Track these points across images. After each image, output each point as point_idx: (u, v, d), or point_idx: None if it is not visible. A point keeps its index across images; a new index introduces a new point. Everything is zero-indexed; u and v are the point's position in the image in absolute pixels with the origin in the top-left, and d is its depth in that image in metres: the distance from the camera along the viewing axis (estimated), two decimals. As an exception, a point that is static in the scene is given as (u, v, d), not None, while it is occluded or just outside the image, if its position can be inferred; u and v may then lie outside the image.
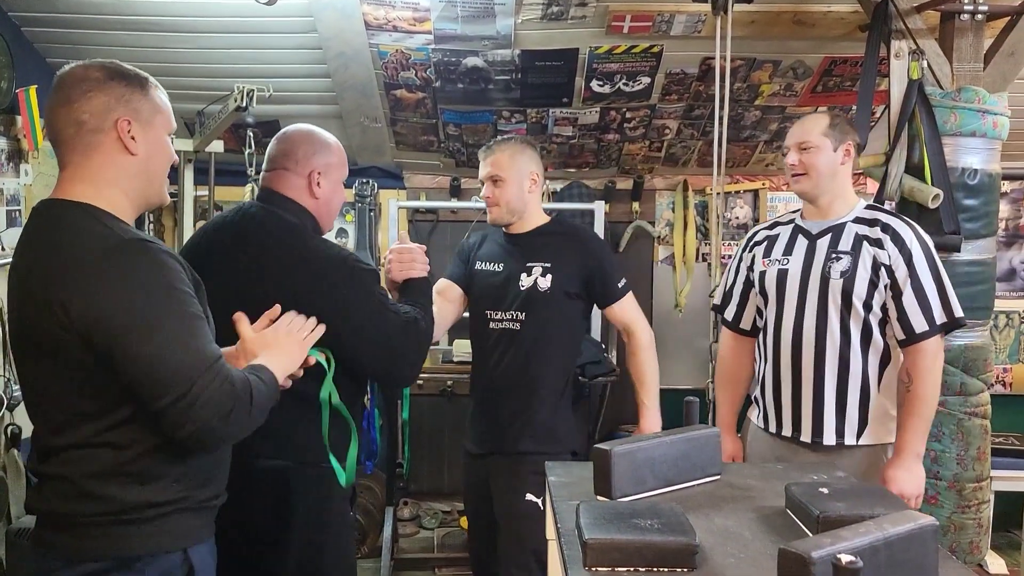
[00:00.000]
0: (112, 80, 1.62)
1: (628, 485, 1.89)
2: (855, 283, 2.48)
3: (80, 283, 1.49)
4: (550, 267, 2.73)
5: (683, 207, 4.86)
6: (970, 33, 3.11)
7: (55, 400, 1.57)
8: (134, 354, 1.48)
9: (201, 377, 1.50)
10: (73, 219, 1.57)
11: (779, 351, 2.61)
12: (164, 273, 1.55)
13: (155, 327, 1.50)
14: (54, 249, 1.54)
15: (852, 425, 2.52)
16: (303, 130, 2.32)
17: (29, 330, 1.57)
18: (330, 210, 2.29)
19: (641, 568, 1.55)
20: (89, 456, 1.54)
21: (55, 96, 1.62)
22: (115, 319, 1.48)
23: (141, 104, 1.64)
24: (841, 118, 2.62)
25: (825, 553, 1.30)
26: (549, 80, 4.07)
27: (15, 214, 3.59)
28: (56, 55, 3.97)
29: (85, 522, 1.55)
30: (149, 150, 1.65)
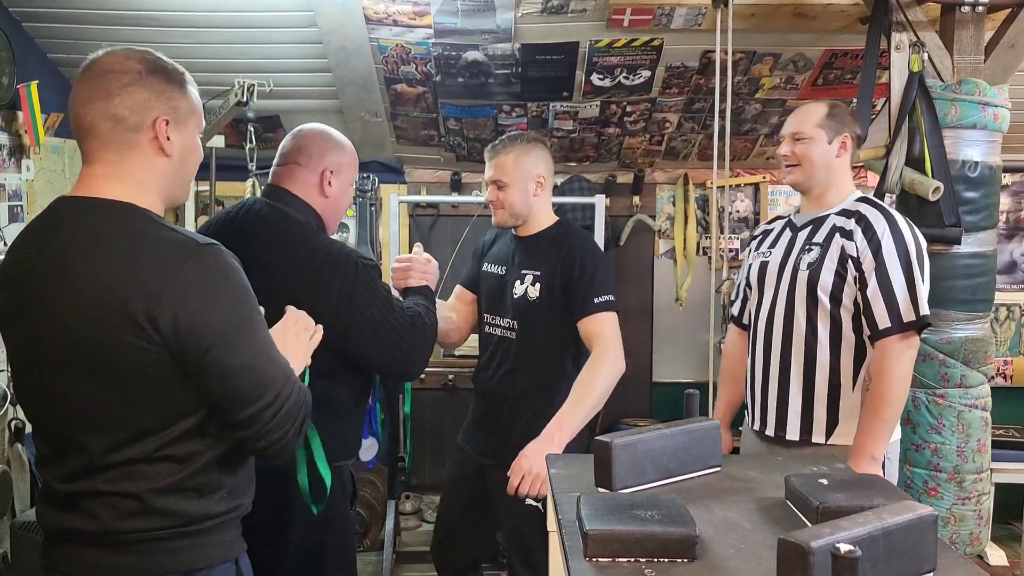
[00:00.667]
0: (153, 75, 1.52)
1: (629, 477, 1.90)
2: (820, 275, 2.42)
3: (167, 292, 1.40)
4: (540, 275, 2.63)
5: (684, 201, 4.87)
6: (971, 25, 3.11)
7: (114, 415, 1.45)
8: (230, 364, 1.44)
9: (286, 383, 1.50)
10: (134, 222, 1.47)
11: (755, 344, 2.61)
12: (242, 277, 1.50)
13: (245, 333, 1.47)
14: (123, 256, 1.43)
15: (820, 423, 2.45)
16: (318, 128, 2.32)
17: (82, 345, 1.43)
18: (337, 210, 2.29)
19: (642, 558, 1.56)
20: (152, 471, 1.47)
21: (90, 85, 1.50)
22: (209, 328, 1.42)
23: (180, 102, 1.55)
24: (840, 108, 2.55)
25: (824, 543, 1.31)
26: (549, 74, 4.07)
27: (17, 209, 3.60)
28: (57, 50, 3.97)
29: (148, 538, 1.47)
30: (183, 151, 1.57)
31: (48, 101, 3.78)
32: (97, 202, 1.49)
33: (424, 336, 2.20)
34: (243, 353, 1.46)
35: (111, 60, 1.51)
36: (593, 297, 2.57)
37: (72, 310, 1.43)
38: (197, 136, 1.62)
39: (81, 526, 1.48)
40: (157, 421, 1.47)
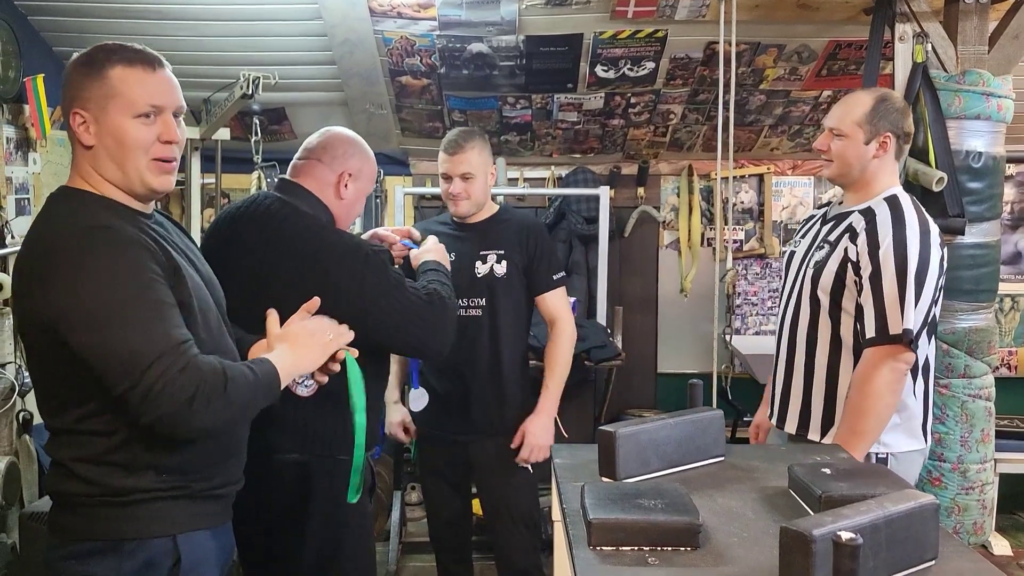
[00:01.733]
0: (74, 70, 1.59)
1: (632, 466, 1.91)
2: (822, 275, 2.35)
3: (39, 276, 1.50)
4: (504, 254, 2.83)
5: (688, 192, 4.87)
6: (975, 16, 3.11)
7: (43, 387, 1.60)
8: (86, 343, 1.46)
9: (156, 364, 1.45)
10: (49, 211, 1.60)
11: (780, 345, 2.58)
12: (118, 259, 1.50)
13: (103, 315, 1.46)
14: (27, 242, 1.58)
15: (816, 421, 2.41)
16: (348, 132, 2.32)
17: (20, 323, 1.61)
18: (350, 214, 2.30)
19: (645, 547, 1.57)
20: (76, 441, 1.56)
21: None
22: (67, 310, 1.47)
23: (91, 91, 1.57)
24: (887, 104, 2.35)
25: (826, 531, 1.32)
26: (554, 66, 4.08)
27: (24, 202, 3.61)
28: (63, 44, 3.98)
29: (78, 502, 1.56)
30: (104, 139, 1.58)
31: (54, 94, 3.79)
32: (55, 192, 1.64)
33: (443, 311, 2.19)
34: (99, 335, 1.45)
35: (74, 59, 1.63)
36: (552, 274, 2.88)
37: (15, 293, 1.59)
38: (125, 117, 1.58)
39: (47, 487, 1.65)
40: (73, 395, 1.54)
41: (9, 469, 3.12)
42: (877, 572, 1.42)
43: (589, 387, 4.31)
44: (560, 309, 2.90)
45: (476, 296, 2.82)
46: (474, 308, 2.82)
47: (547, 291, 2.87)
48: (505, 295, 2.83)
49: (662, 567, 1.52)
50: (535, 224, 3.00)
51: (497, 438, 2.84)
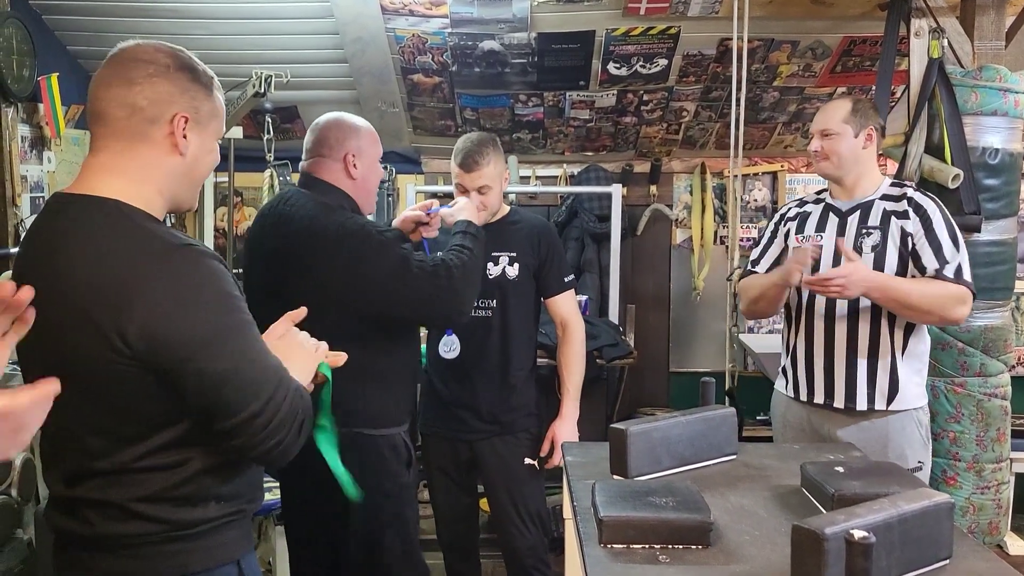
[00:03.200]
0: (180, 71, 1.46)
1: (644, 464, 1.90)
2: (886, 257, 2.52)
3: (136, 301, 1.32)
4: (516, 256, 2.84)
5: (701, 190, 4.85)
6: (991, 11, 3.09)
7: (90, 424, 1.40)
8: (211, 372, 1.35)
9: (278, 388, 1.40)
10: (111, 222, 1.39)
11: (812, 323, 2.62)
12: (221, 278, 1.40)
13: (226, 339, 1.37)
14: (93, 261, 1.35)
15: (883, 392, 2.54)
16: (331, 118, 2.42)
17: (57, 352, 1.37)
18: (368, 190, 2.42)
19: (656, 545, 1.57)
20: (134, 480, 1.41)
21: (111, 72, 1.44)
22: (182, 337, 1.34)
23: (203, 104, 1.49)
24: (863, 102, 2.65)
25: (839, 529, 1.31)
26: (566, 63, 4.07)
27: (39, 201, 3.63)
28: (77, 43, 4.01)
29: (138, 542, 1.43)
30: (197, 153, 1.49)
31: (68, 93, 3.82)
32: (82, 199, 1.42)
33: (450, 283, 2.26)
34: (225, 360, 1.36)
35: (140, 50, 1.46)
36: (563, 277, 2.91)
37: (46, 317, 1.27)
38: (215, 142, 1.55)
39: (77, 529, 1.45)
40: (136, 431, 1.40)
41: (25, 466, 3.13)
42: (890, 571, 1.42)
43: (601, 385, 4.30)
44: (570, 312, 2.92)
45: (486, 297, 2.81)
46: (484, 309, 2.82)
47: (558, 294, 2.89)
48: (516, 297, 2.84)
49: (673, 565, 1.52)
50: (545, 226, 3.03)
51: (505, 437, 2.84)
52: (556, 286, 2.88)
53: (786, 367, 2.73)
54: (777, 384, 2.79)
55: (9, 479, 3.03)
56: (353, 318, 2.19)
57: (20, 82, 3.43)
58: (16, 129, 3.48)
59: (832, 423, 2.59)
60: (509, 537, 2.91)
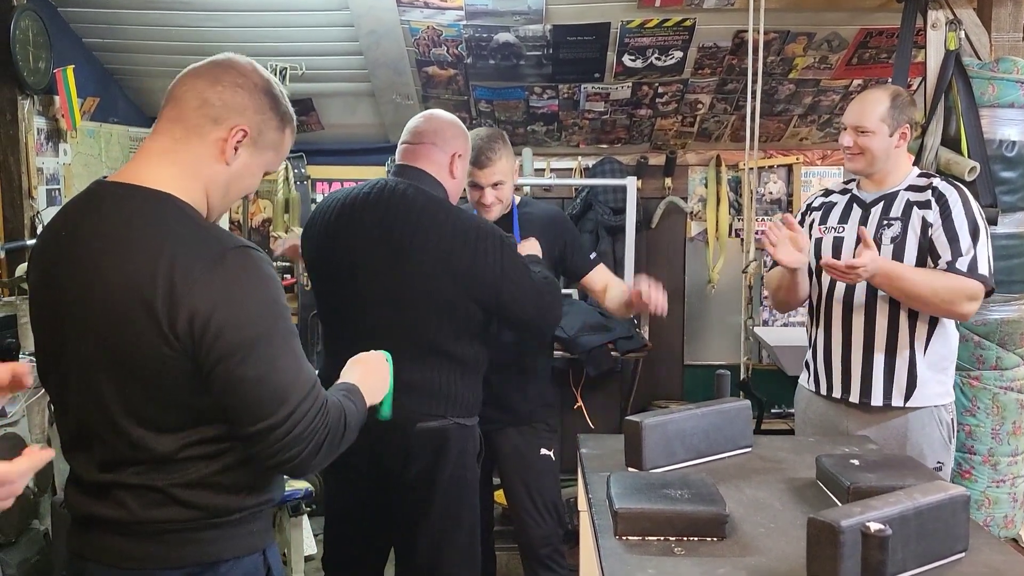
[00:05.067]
0: (265, 95, 1.53)
1: (659, 457, 1.91)
2: (905, 248, 2.48)
3: (190, 295, 1.35)
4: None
5: (716, 182, 4.84)
6: (1009, 2, 3.06)
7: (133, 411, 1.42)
8: (240, 376, 1.37)
9: (301, 404, 1.40)
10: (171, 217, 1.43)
11: (831, 316, 2.61)
12: (271, 284, 1.43)
13: (264, 346, 1.38)
14: (154, 253, 1.38)
15: (900, 388, 2.51)
16: (449, 116, 2.49)
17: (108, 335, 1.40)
18: (458, 193, 2.48)
19: (671, 537, 1.57)
20: (177, 468, 1.44)
21: (206, 69, 1.51)
22: (226, 336, 1.36)
23: (269, 131, 1.54)
24: (902, 97, 2.56)
25: (854, 522, 1.31)
26: (581, 55, 4.06)
27: (55, 193, 3.66)
28: (92, 35, 4.02)
29: (174, 528, 1.45)
30: (241, 170, 1.52)
31: (84, 86, 3.84)
32: (136, 190, 1.45)
33: (558, 292, 2.45)
34: (257, 367, 1.37)
35: (240, 62, 1.54)
36: (588, 255, 2.94)
37: (98, 301, 1.39)
38: (261, 170, 1.58)
39: (110, 514, 1.46)
40: (180, 420, 1.43)
41: (41, 456, 3.16)
42: (906, 563, 1.42)
43: (616, 378, 4.31)
44: (608, 276, 2.93)
45: None
46: None
47: (591, 269, 2.89)
48: None
49: (688, 557, 1.52)
50: (558, 214, 3.05)
51: (521, 427, 2.85)
52: (585, 264, 2.89)
53: (808, 361, 2.72)
54: (800, 378, 2.78)
55: (27, 470, 3.05)
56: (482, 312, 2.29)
57: (36, 74, 3.45)
58: (32, 121, 3.50)
59: (850, 419, 2.57)
60: (524, 527, 2.92)
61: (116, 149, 4.22)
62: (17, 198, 3.43)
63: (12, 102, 3.40)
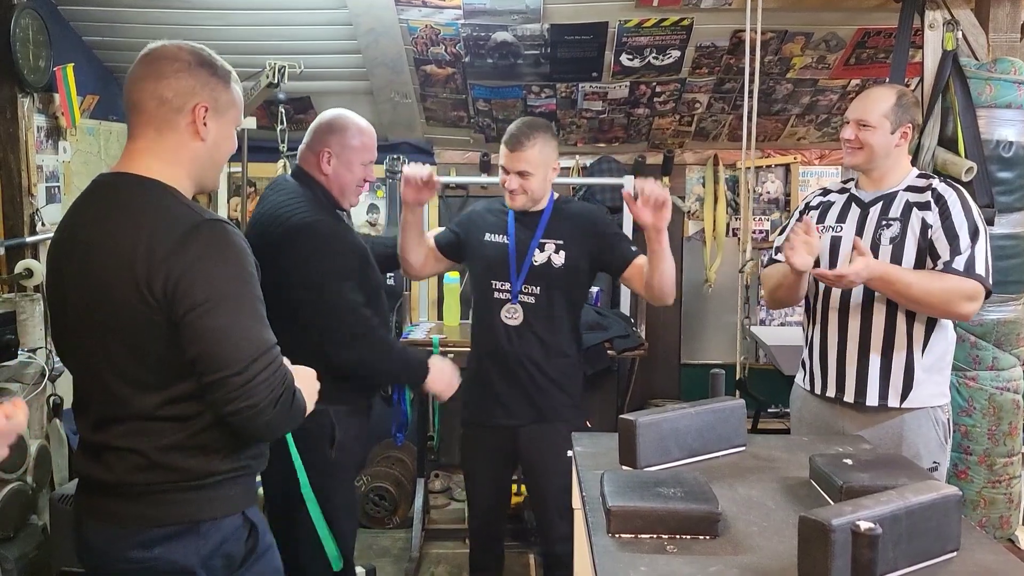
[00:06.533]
0: (201, 66, 1.67)
1: (653, 455, 1.91)
2: (904, 249, 2.48)
3: (166, 259, 1.53)
4: (563, 244, 2.83)
5: (713, 182, 4.84)
6: (1006, 3, 3.06)
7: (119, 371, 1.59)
8: (204, 326, 1.53)
9: (260, 358, 1.55)
10: (152, 196, 1.61)
11: (828, 315, 2.61)
12: (240, 254, 1.60)
13: (228, 302, 1.55)
14: (135, 226, 1.57)
15: (896, 388, 2.51)
16: (329, 114, 2.63)
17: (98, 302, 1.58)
18: (340, 185, 2.57)
19: (664, 535, 1.57)
20: (155, 429, 1.59)
21: (145, 68, 1.66)
22: (194, 292, 1.52)
23: (221, 95, 1.69)
24: (907, 97, 2.58)
25: (845, 521, 1.32)
26: (579, 54, 4.06)
27: (55, 190, 3.66)
28: (92, 33, 4.03)
29: (155, 490, 1.60)
30: (217, 139, 1.70)
31: (84, 84, 3.84)
32: (126, 177, 1.64)
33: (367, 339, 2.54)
34: (218, 319, 1.53)
35: (167, 49, 1.67)
36: (628, 249, 2.86)
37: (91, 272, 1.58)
38: (233, 129, 1.74)
39: (101, 476, 1.63)
40: (156, 379, 1.58)
41: (40, 452, 3.17)
42: (897, 562, 1.42)
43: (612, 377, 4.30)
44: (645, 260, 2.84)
45: (531, 284, 2.82)
46: (528, 295, 2.83)
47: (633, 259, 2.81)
48: (560, 285, 2.83)
49: (681, 555, 1.52)
50: (595, 211, 3.05)
51: (545, 425, 2.83)
52: (629, 255, 2.82)
53: (804, 360, 2.73)
54: (796, 377, 2.78)
55: (25, 466, 3.06)
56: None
57: (36, 72, 3.45)
58: (32, 119, 3.50)
59: (846, 419, 2.57)
60: (544, 525, 2.92)
61: (115, 147, 4.22)
62: (17, 195, 3.44)
63: (12, 100, 3.40)
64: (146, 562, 1.60)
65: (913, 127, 2.57)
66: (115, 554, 1.62)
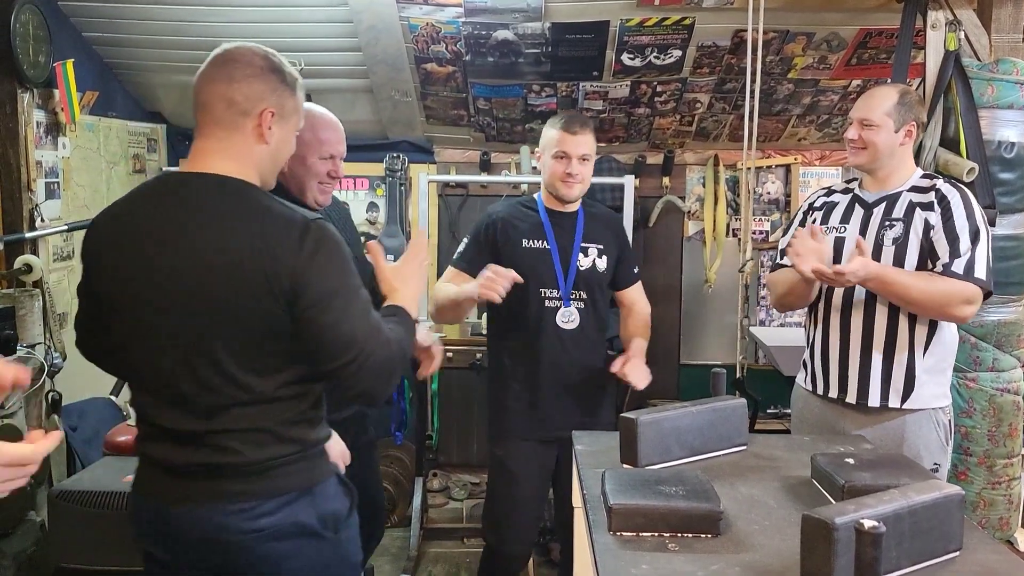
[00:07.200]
0: (272, 72, 1.74)
1: (654, 454, 1.91)
2: (907, 250, 2.48)
3: (289, 258, 1.63)
4: (603, 249, 2.84)
5: (714, 182, 4.84)
6: (1009, 3, 3.06)
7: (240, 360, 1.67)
8: (323, 322, 1.64)
9: (369, 344, 1.67)
10: (249, 195, 1.70)
11: (830, 315, 2.61)
12: (344, 248, 1.73)
13: (340, 298, 1.67)
14: (245, 225, 1.65)
15: (897, 389, 2.51)
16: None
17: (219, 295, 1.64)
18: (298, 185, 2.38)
19: (665, 533, 1.57)
20: (277, 408, 1.71)
21: (216, 70, 1.72)
22: (314, 289, 1.64)
23: (287, 101, 1.76)
24: (910, 96, 2.58)
25: (848, 519, 1.32)
26: (579, 53, 4.06)
27: (53, 186, 3.65)
28: (92, 28, 4.02)
29: (280, 463, 1.71)
30: (279, 143, 1.77)
31: (83, 80, 3.83)
32: (208, 176, 1.70)
33: None
34: (333, 314, 1.65)
35: (239, 52, 1.74)
36: (635, 268, 2.94)
37: (208, 268, 1.64)
38: (294, 134, 1.82)
39: (218, 460, 1.69)
40: (276, 364, 1.69)
41: (37, 449, 3.16)
42: (900, 562, 1.42)
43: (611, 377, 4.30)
44: (641, 298, 2.96)
45: (578, 289, 2.80)
46: (577, 301, 2.80)
47: (633, 283, 2.92)
48: (601, 290, 2.85)
49: (682, 553, 1.52)
50: (618, 218, 3.05)
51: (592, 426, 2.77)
52: (631, 277, 2.91)
53: (805, 360, 2.72)
54: (798, 377, 2.78)
55: (23, 462, 3.05)
56: None
57: (36, 68, 3.44)
58: (32, 115, 3.50)
59: (847, 420, 2.57)
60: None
61: (115, 143, 4.21)
62: (16, 191, 3.43)
63: (12, 95, 3.39)
64: (273, 527, 1.70)
65: (918, 125, 2.57)
66: (236, 527, 1.69)
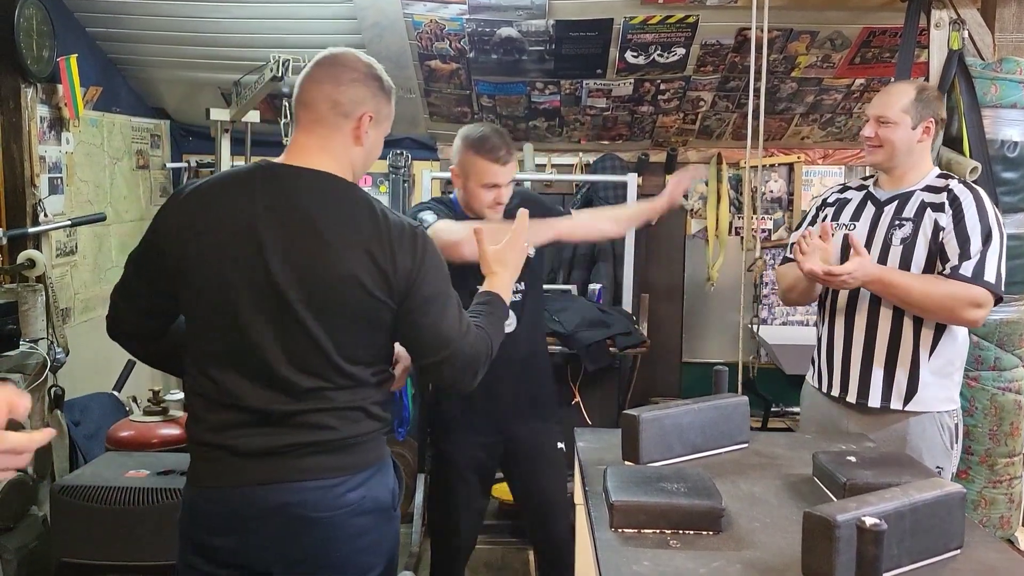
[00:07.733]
0: (373, 79, 1.85)
1: (656, 451, 1.91)
2: (915, 250, 2.44)
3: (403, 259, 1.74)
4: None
5: (717, 180, 4.84)
6: (1013, 2, 3.06)
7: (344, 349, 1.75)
8: (422, 323, 1.77)
9: (461, 341, 1.79)
10: (358, 195, 1.79)
11: (834, 314, 2.60)
12: (440, 256, 1.84)
13: (439, 300, 1.79)
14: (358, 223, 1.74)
15: (900, 391, 2.48)
16: None
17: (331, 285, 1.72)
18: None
19: (667, 530, 1.57)
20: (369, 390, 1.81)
21: (323, 72, 1.81)
22: (420, 291, 1.76)
23: (383, 107, 1.87)
24: (928, 92, 2.52)
25: (850, 516, 1.32)
26: (583, 51, 4.06)
27: (57, 181, 3.66)
28: (95, 24, 4.02)
29: (368, 439, 1.82)
30: (371, 146, 1.86)
31: (87, 75, 3.84)
32: (327, 174, 1.77)
33: None
34: (432, 315, 1.77)
35: (346, 57, 1.85)
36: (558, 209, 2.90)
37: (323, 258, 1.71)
38: (383, 138, 1.91)
39: (312, 438, 1.76)
40: (375, 354, 1.81)
41: (40, 444, 3.16)
42: (901, 559, 1.42)
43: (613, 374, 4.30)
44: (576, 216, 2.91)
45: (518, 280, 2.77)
46: (516, 293, 2.73)
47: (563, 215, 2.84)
48: (535, 277, 2.81)
49: (683, 550, 1.52)
50: (526, 193, 3.13)
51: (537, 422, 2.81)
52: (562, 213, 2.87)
53: (814, 357, 2.71)
54: (807, 375, 2.77)
55: (25, 456, 3.05)
56: None
57: (39, 63, 3.45)
58: (35, 110, 3.50)
59: (850, 420, 2.55)
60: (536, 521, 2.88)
61: (118, 138, 4.22)
62: (20, 186, 3.44)
63: (15, 90, 3.40)
64: (357, 502, 1.78)
65: (936, 122, 2.50)
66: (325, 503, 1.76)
